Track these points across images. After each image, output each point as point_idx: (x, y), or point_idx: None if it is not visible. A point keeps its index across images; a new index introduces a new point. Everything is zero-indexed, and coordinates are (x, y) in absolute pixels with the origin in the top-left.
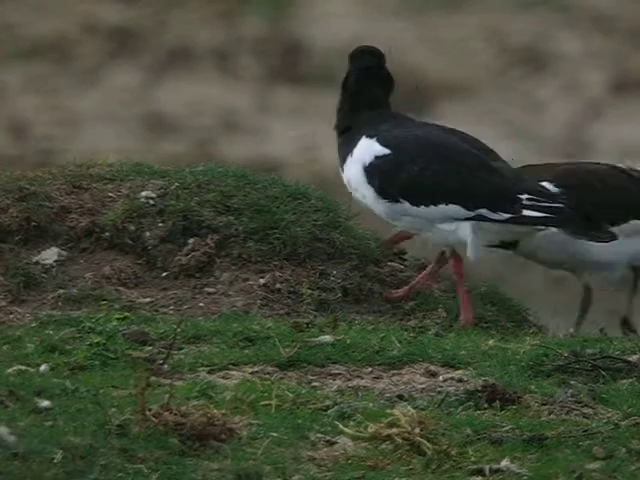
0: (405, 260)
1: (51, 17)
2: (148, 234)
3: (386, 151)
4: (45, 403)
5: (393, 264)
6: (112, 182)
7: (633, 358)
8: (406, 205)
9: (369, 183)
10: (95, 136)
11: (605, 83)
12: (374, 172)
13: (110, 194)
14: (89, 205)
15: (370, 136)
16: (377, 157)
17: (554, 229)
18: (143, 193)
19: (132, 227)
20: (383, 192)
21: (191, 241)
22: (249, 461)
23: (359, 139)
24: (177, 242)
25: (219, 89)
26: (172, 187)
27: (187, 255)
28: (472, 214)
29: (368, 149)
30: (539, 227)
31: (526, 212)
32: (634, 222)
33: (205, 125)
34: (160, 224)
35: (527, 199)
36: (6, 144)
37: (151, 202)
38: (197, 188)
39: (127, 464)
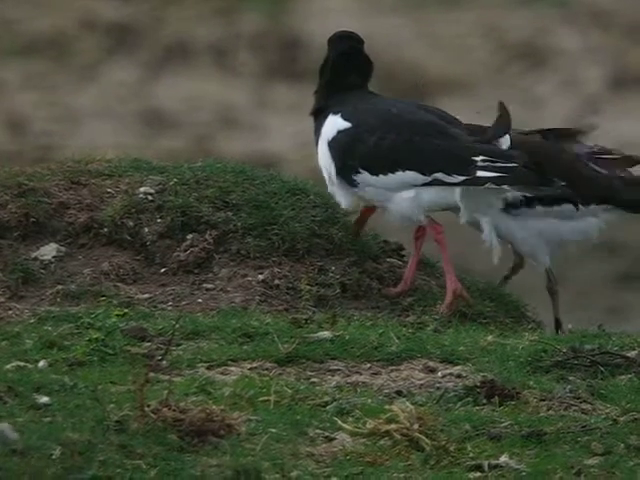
0: (403, 256)
1: (49, 13)
2: (147, 230)
3: (347, 125)
4: (44, 399)
5: (391, 260)
6: (110, 178)
7: (632, 354)
8: (366, 175)
9: (332, 157)
10: (93, 132)
11: (603, 79)
12: (336, 146)
13: (109, 190)
14: (88, 201)
15: (335, 112)
16: (339, 131)
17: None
18: (141, 189)
19: (131, 223)
20: (344, 165)
21: (190, 237)
22: (248, 457)
23: (327, 117)
24: (176, 238)
25: (217, 85)
26: (170, 183)
27: (186, 251)
28: (429, 179)
29: (332, 125)
30: (494, 186)
31: (480, 173)
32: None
33: (203, 121)
34: (159, 220)
35: (481, 160)
36: (5, 140)
37: (149, 198)
38: (195, 184)
39: (126, 460)
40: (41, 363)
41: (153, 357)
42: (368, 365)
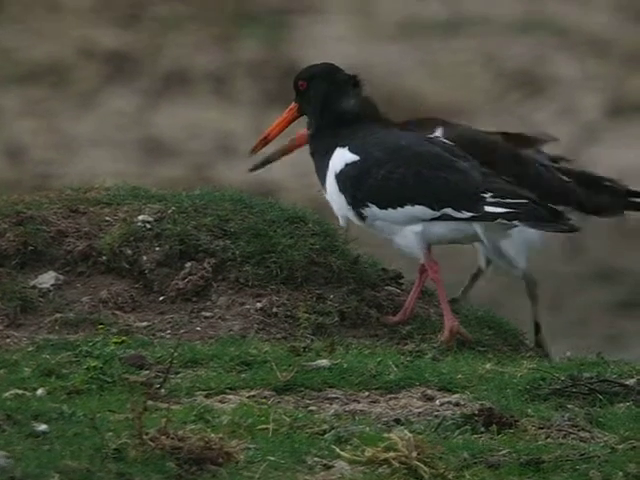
0: (402, 284)
1: (48, 41)
2: (145, 258)
3: (355, 158)
4: (42, 427)
5: (390, 288)
6: (109, 206)
7: (630, 382)
8: (374, 209)
9: (341, 191)
10: (92, 160)
11: (601, 107)
12: (345, 179)
13: (107, 218)
14: (86, 229)
15: (343, 145)
16: (347, 164)
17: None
18: (140, 217)
19: (129, 251)
20: (353, 198)
21: (188, 265)
22: None
23: (334, 151)
24: (174, 266)
25: (216, 113)
26: (169, 211)
27: (184, 279)
28: (438, 214)
29: (340, 158)
30: (505, 222)
31: (489, 209)
32: None
33: (202, 149)
34: (157, 248)
35: (491, 197)
36: (3, 168)
37: (148, 226)
38: (194, 212)
39: None
40: (39, 391)
41: (151, 385)
42: (366, 393)
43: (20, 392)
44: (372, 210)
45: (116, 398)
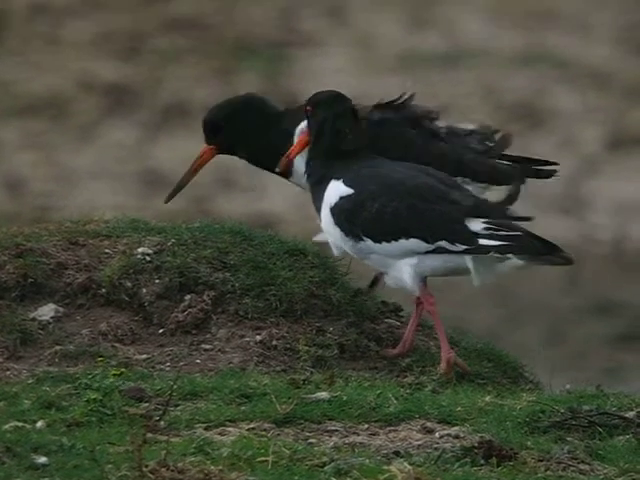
0: (402, 317)
1: (47, 74)
2: (145, 290)
3: (350, 191)
4: (42, 459)
5: (390, 321)
6: (108, 238)
7: (630, 414)
8: (369, 242)
9: (335, 224)
10: (91, 192)
11: (602, 139)
12: (339, 212)
13: (106, 250)
14: (85, 261)
15: (337, 178)
16: (341, 197)
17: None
18: (139, 249)
19: (128, 283)
20: (348, 231)
21: (187, 297)
22: None
23: (329, 182)
24: (174, 298)
25: None
26: (168, 243)
27: (184, 311)
28: (432, 247)
29: (335, 191)
30: (499, 255)
31: (483, 241)
32: None
33: (201, 181)
34: (157, 280)
35: (484, 229)
36: (3, 200)
37: (147, 258)
38: (194, 244)
39: None
40: (39, 423)
41: (151, 417)
42: (366, 426)
43: (20, 424)
44: (367, 244)
45: (116, 430)
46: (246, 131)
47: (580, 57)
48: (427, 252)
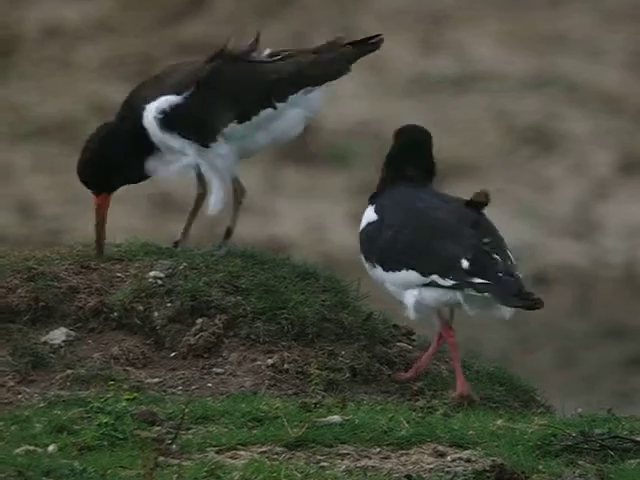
0: (413, 340)
1: (59, 97)
2: (156, 314)
3: (375, 217)
4: None
5: (401, 344)
6: (120, 262)
7: None
8: (380, 270)
9: (360, 248)
10: None
11: (613, 163)
12: (363, 238)
13: (118, 274)
14: (97, 285)
15: (372, 204)
16: (368, 223)
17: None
18: (151, 273)
19: (140, 307)
20: (366, 257)
21: (199, 321)
22: None
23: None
24: (185, 322)
25: None
26: (180, 267)
27: (195, 335)
28: (427, 280)
29: (366, 216)
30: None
31: (471, 279)
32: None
33: None
34: (168, 304)
35: (469, 266)
36: (14, 223)
37: (159, 282)
38: (205, 268)
39: None
40: (51, 447)
41: (163, 441)
42: (378, 449)
43: (31, 448)
44: (378, 271)
45: (127, 454)
46: (116, 164)
47: (591, 81)
48: (424, 285)
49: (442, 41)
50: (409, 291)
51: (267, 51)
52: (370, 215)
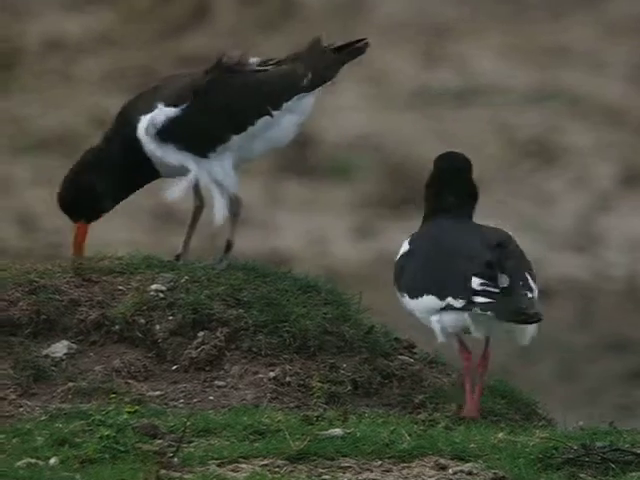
0: (415, 353)
1: (60, 110)
2: (158, 327)
3: (406, 249)
4: None
5: (403, 357)
6: (122, 275)
7: None
8: (407, 298)
9: (393, 278)
10: (104, 229)
11: (615, 176)
12: (395, 269)
13: (120, 287)
14: (99, 298)
15: (410, 236)
16: (400, 255)
17: None
18: (153, 286)
19: (142, 320)
20: (398, 287)
21: (201, 334)
22: None
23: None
24: (187, 335)
25: None
26: (182, 280)
27: (197, 348)
28: (444, 304)
29: (401, 247)
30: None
31: (477, 299)
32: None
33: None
34: (170, 317)
35: (479, 284)
36: (16, 236)
37: (161, 295)
38: (207, 281)
39: None
40: (52, 460)
41: (164, 454)
42: (379, 462)
43: (33, 461)
44: (406, 300)
45: (129, 467)
46: (99, 192)
47: (593, 94)
48: (442, 309)
49: (444, 54)
50: (433, 317)
51: (256, 60)
52: (404, 247)
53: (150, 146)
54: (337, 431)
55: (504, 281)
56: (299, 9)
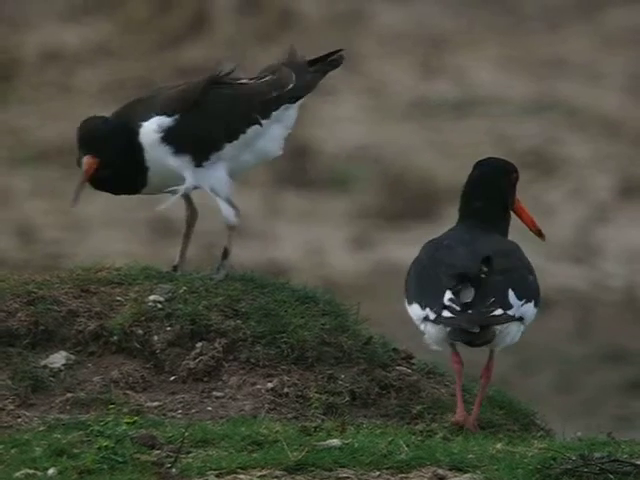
0: (413, 364)
1: (58, 122)
2: (156, 338)
3: (418, 254)
4: None
5: (401, 368)
6: (120, 286)
7: None
8: (405, 304)
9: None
10: (103, 240)
11: (613, 187)
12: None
13: (118, 298)
14: (97, 309)
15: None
16: (412, 262)
17: None
18: (151, 297)
19: (140, 331)
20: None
21: (199, 345)
22: None
23: None
24: (185, 346)
25: None
26: (180, 291)
27: (195, 359)
28: (424, 314)
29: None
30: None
31: (444, 313)
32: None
33: (212, 229)
34: (168, 328)
35: (448, 299)
36: (14, 248)
37: (159, 306)
38: (205, 292)
39: None
40: (50, 471)
41: (163, 465)
42: (377, 473)
43: (31, 472)
44: (405, 304)
45: (127, 478)
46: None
47: (591, 105)
48: (424, 319)
49: (442, 65)
50: (421, 325)
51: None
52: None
53: (152, 152)
54: (335, 442)
55: (466, 297)
56: (297, 20)
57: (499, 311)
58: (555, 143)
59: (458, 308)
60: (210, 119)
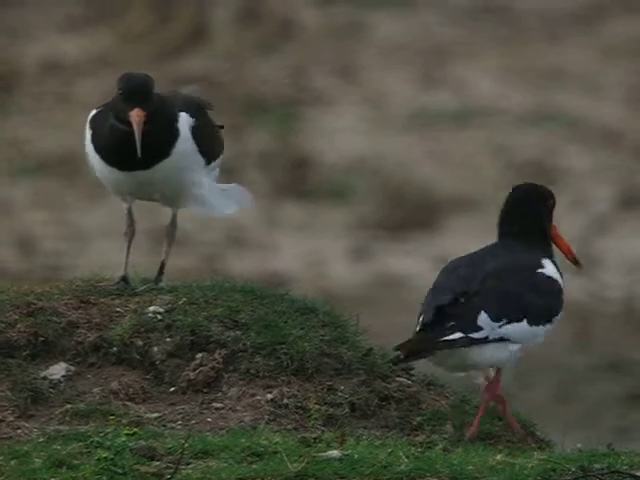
0: (412, 376)
1: (58, 132)
2: (156, 349)
3: None
4: None
5: (400, 379)
6: (120, 297)
7: None
8: None
9: None
10: (102, 251)
11: (613, 198)
12: None
13: (118, 309)
14: (97, 320)
15: None
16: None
17: None
18: (151, 308)
19: (140, 342)
20: None
21: (199, 356)
22: None
23: None
24: (185, 357)
25: None
26: (180, 302)
27: (195, 370)
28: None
29: None
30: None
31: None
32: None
33: (212, 240)
34: (168, 339)
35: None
36: (14, 259)
37: (159, 317)
38: (205, 303)
39: None
40: None
41: (162, 476)
42: None
43: None
44: None
45: None
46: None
47: (590, 116)
48: None
49: (441, 76)
50: None
51: None
52: None
53: (183, 144)
54: (335, 453)
55: (425, 318)
56: (297, 31)
57: (457, 335)
58: (555, 154)
59: (417, 328)
60: (215, 126)
